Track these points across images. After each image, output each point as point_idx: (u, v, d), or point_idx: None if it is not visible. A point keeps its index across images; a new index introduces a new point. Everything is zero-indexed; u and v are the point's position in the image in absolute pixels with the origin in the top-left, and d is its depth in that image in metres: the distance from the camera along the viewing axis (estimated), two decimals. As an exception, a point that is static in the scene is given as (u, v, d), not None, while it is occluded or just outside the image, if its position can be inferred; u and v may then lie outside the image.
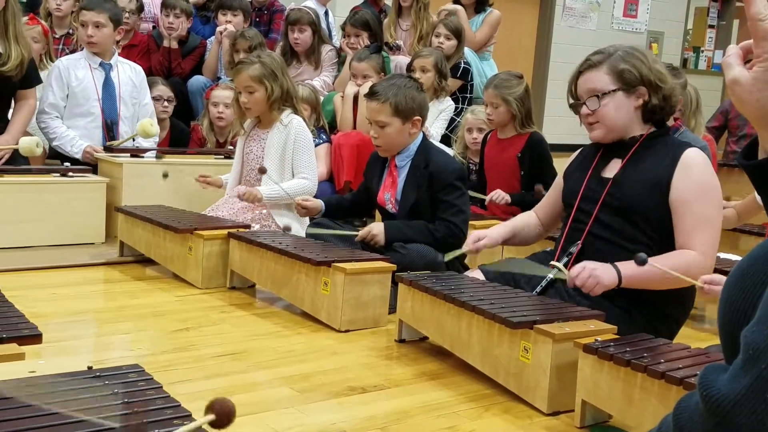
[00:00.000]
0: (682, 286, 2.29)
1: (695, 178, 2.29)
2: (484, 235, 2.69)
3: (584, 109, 2.41)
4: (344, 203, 3.46)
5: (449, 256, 2.76)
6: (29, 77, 3.96)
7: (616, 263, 2.27)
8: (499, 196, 3.86)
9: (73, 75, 4.24)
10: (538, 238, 2.81)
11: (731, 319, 0.88)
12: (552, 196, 2.73)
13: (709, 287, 2.06)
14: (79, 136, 4.21)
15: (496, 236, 2.71)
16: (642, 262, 2.11)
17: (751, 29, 0.95)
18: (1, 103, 3.96)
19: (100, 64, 4.30)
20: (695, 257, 2.25)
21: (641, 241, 2.33)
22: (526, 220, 2.79)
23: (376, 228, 3.07)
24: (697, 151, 2.34)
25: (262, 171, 3.02)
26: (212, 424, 1.20)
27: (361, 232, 3.09)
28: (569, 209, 2.53)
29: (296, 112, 3.66)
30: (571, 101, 2.49)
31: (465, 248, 2.72)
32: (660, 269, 2.16)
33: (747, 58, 0.98)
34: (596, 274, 2.24)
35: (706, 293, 2.08)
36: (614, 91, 2.36)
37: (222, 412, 1.19)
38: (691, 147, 2.36)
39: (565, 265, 2.43)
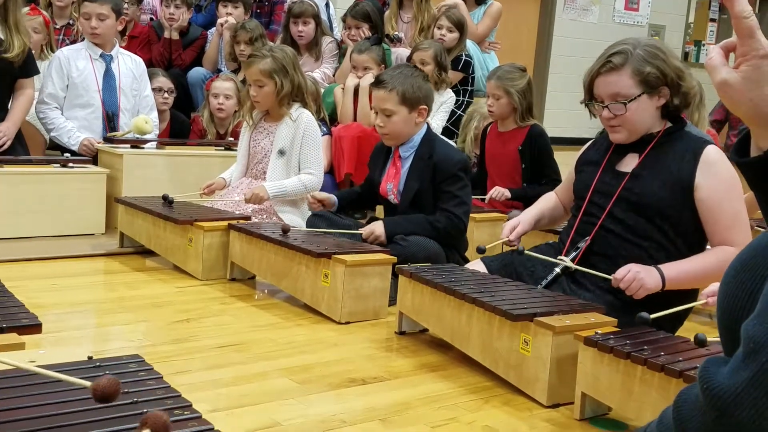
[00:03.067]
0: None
1: (721, 176, 2.28)
2: (517, 222, 2.69)
3: (606, 113, 2.37)
4: (354, 196, 3.46)
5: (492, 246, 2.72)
6: (28, 66, 3.96)
7: (659, 266, 2.26)
8: (498, 192, 3.85)
9: (73, 66, 4.23)
10: (563, 219, 2.79)
11: (731, 313, 0.88)
12: (569, 180, 2.71)
13: (713, 300, 2.04)
14: (79, 128, 4.21)
15: (530, 219, 2.70)
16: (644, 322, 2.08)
17: (736, 28, 0.94)
18: (2, 91, 3.96)
19: (101, 55, 4.30)
20: (735, 253, 2.24)
21: (653, 238, 2.33)
22: (550, 200, 2.78)
23: (377, 227, 3.06)
24: (715, 148, 2.33)
25: (286, 230, 2.99)
26: None
27: (365, 233, 3.06)
28: (580, 202, 2.51)
29: (305, 106, 3.65)
30: (588, 100, 2.43)
31: (503, 238, 2.68)
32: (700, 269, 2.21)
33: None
34: (640, 276, 2.23)
35: (712, 306, 2.07)
36: (639, 95, 2.32)
37: (157, 425, 1.11)
38: (709, 143, 2.35)
39: (573, 260, 2.42)
